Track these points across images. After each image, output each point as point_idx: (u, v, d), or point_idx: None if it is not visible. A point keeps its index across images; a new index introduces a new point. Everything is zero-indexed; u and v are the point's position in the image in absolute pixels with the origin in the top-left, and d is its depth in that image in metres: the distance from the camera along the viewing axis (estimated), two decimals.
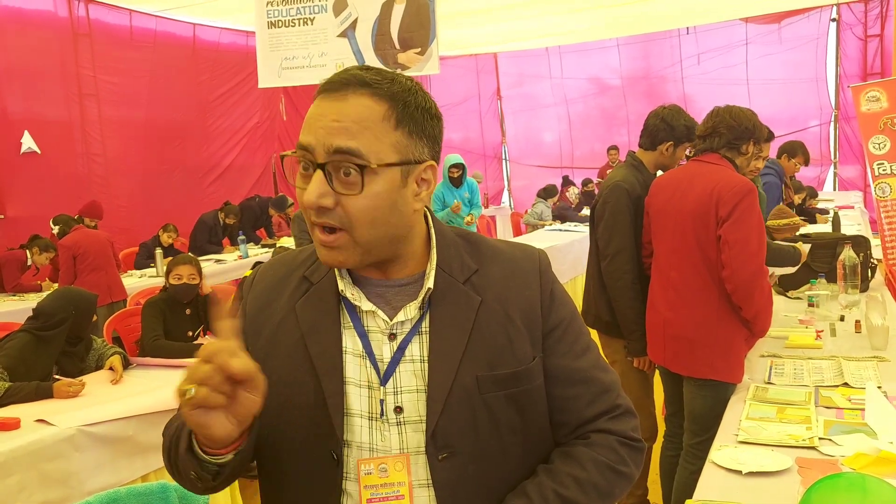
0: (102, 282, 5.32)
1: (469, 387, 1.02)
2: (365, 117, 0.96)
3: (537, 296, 1.08)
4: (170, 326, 3.63)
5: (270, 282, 1.14)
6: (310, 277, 1.10)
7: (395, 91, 0.98)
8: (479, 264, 1.09)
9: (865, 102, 4.43)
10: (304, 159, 0.98)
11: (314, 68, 6.47)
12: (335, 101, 0.97)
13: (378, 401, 1.03)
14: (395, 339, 1.04)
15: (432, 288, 1.04)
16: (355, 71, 0.98)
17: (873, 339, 2.83)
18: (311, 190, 0.96)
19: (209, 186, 9.59)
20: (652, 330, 2.79)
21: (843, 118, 10.65)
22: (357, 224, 0.97)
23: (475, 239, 1.13)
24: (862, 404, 2.16)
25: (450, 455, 1.01)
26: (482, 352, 1.03)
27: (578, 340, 1.11)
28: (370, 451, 1.02)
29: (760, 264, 2.51)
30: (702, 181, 2.61)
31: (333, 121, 0.96)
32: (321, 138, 0.96)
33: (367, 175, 0.95)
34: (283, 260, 1.17)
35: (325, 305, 1.06)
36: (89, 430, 2.66)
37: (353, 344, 1.05)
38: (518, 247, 1.15)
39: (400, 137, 0.98)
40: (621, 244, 2.93)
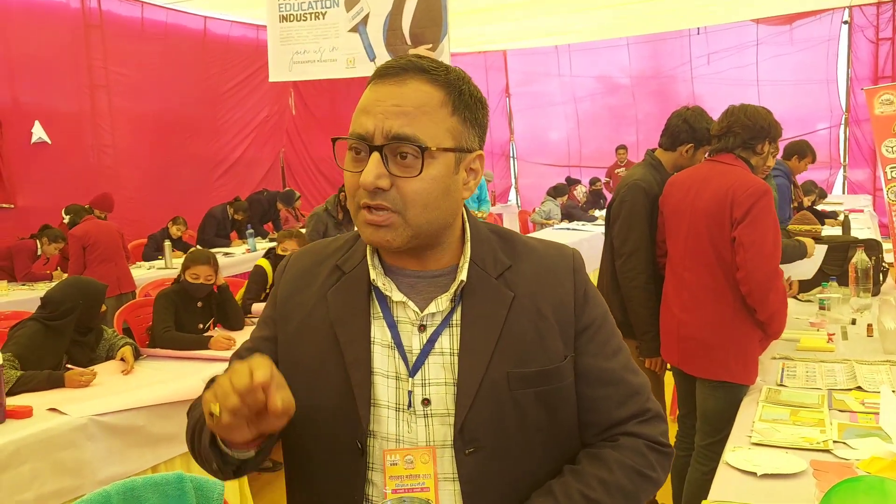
0: (112, 273, 5.34)
1: (499, 382, 1.02)
2: (424, 102, 0.97)
3: (571, 294, 1.08)
4: (181, 318, 3.64)
5: (302, 269, 1.15)
6: (342, 266, 1.11)
7: (451, 79, 1.00)
8: (513, 260, 1.08)
9: (879, 105, 4.41)
10: (360, 143, 0.99)
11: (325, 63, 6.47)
12: (394, 86, 0.98)
13: (406, 392, 1.03)
14: (426, 331, 1.04)
15: (465, 281, 1.04)
16: (412, 58, 1.00)
17: (886, 343, 2.82)
18: (369, 170, 0.96)
19: (218, 179, 9.60)
20: (666, 330, 2.78)
21: (854, 121, 10.61)
22: (411, 206, 0.98)
23: (509, 235, 1.13)
24: (876, 408, 2.16)
25: (476, 450, 1.01)
26: (513, 348, 1.03)
27: (610, 341, 1.10)
28: (396, 443, 1.03)
29: (776, 266, 2.50)
30: (716, 182, 2.60)
31: (393, 105, 0.97)
32: (380, 122, 0.96)
33: (426, 158, 0.97)
34: (315, 248, 1.17)
35: (356, 295, 1.07)
36: (101, 419, 2.67)
37: (382, 334, 1.05)
38: (551, 245, 1.15)
39: (455, 124, 1.00)
40: (637, 244, 2.92)
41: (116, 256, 5.51)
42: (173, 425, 2.91)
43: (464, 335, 1.03)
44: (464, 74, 1.03)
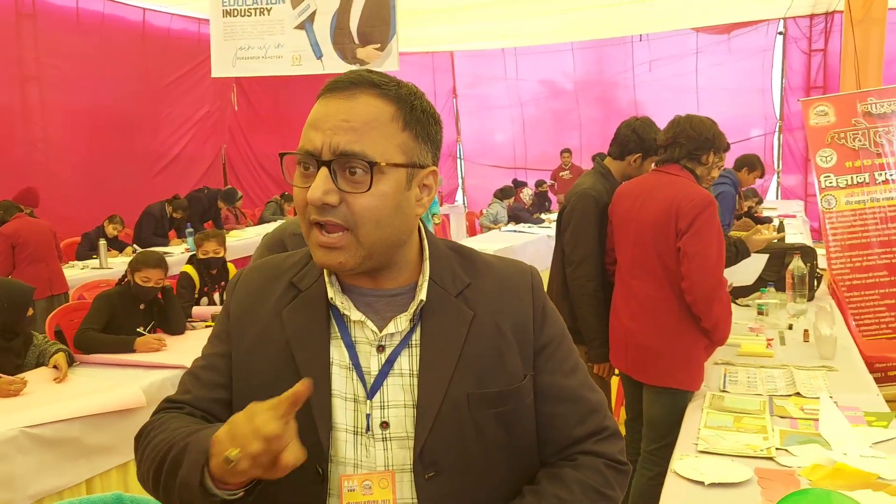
0: (42, 274, 5.13)
1: (459, 404, 1.00)
2: (374, 117, 0.95)
3: (529, 312, 1.07)
4: (121, 321, 3.51)
5: (255, 285, 1.11)
6: (297, 284, 1.07)
7: (402, 94, 0.98)
8: (472, 278, 1.07)
9: (814, 116, 4.57)
10: (308, 159, 0.96)
11: (270, 59, 6.35)
12: (343, 101, 0.96)
13: (364, 415, 1.00)
14: (384, 351, 1.02)
15: (424, 300, 1.02)
16: (362, 72, 0.98)
17: (822, 349, 2.92)
18: (317, 185, 0.93)
19: (156, 176, 9.33)
20: (614, 337, 2.82)
21: (787, 129, 11.00)
22: (362, 223, 0.96)
23: (467, 252, 1.11)
24: (815, 414, 2.23)
25: (437, 473, 0.99)
26: (473, 368, 1.02)
27: (568, 358, 1.10)
28: (354, 468, 0.99)
29: (719, 276, 2.55)
30: (662, 193, 2.64)
31: (342, 120, 0.94)
32: (328, 138, 0.94)
33: (375, 173, 0.95)
34: (269, 263, 1.13)
35: (314, 314, 1.04)
36: (33, 431, 2.54)
37: (340, 355, 1.02)
38: (510, 262, 1.14)
39: (407, 139, 0.98)
40: (587, 251, 2.95)
41: (48, 256, 5.29)
42: (109, 436, 2.80)
43: (423, 356, 1.01)
44: (416, 90, 1.01)
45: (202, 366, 1.11)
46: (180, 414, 1.06)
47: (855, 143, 4.44)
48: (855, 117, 4.47)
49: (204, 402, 1.07)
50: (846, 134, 4.46)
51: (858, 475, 1.77)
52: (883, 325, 4.47)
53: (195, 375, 1.10)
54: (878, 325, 4.47)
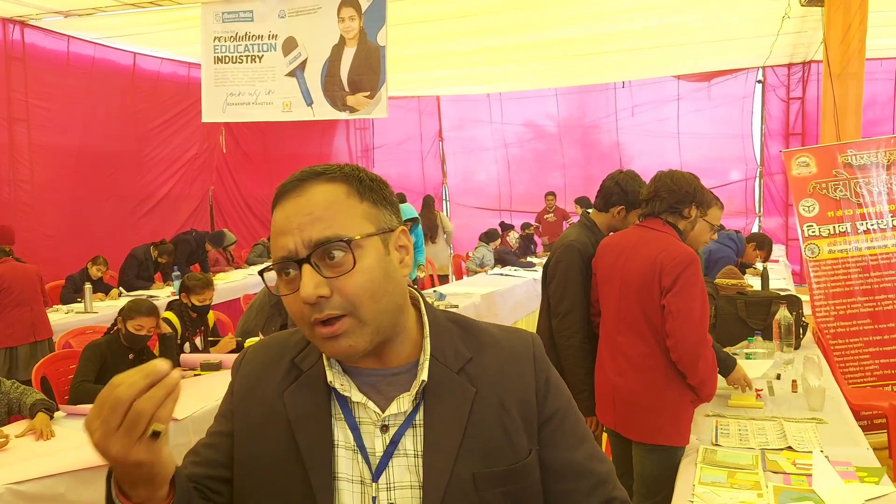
0: (26, 318, 5.08)
1: (465, 484, 0.99)
2: (331, 200, 0.98)
3: (532, 385, 1.07)
4: (110, 370, 3.48)
5: (258, 364, 1.11)
6: (299, 364, 1.07)
7: (346, 172, 1.02)
8: (474, 352, 1.07)
9: (796, 167, 4.67)
10: (287, 264, 0.97)
11: (261, 105, 6.41)
12: (297, 198, 0.99)
13: (371, 497, 1.00)
14: (388, 432, 1.02)
15: (426, 380, 1.02)
16: (304, 170, 1.02)
17: (811, 401, 2.94)
18: (305, 284, 0.94)
19: (142, 217, 9.29)
20: (601, 393, 2.81)
21: (767, 173, 11.21)
22: (359, 302, 0.96)
23: (468, 325, 1.11)
24: (807, 469, 2.24)
25: None
26: (478, 446, 1.01)
27: (575, 430, 1.09)
28: None
29: (704, 333, 2.57)
30: (645, 250, 2.65)
31: (305, 215, 0.97)
32: (297, 236, 0.96)
33: (354, 249, 0.96)
34: (274, 341, 1.14)
35: (315, 396, 1.04)
36: (18, 488, 2.50)
37: (345, 437, 1.02)
38: (511, 332, 1.14)
39: (368, 208, 1.00)
40: (572, 303, 2.98)
41: (32, 301, 5.22)
42: (97, 491, 2.74)
43: (427, 436, 1.01)
44: (355, 165, 1.05)
45: (204, 443, 1.11)
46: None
47: (836, 194, 4.54)
48: (836, 168, 4.58)
49: (201, 479, 1.07)
50: (827, 184, 4.56)
51: None
52: (867, 372, 4.52)
53: (196, 452, 1.11)
54: (863, 373, 4.52)
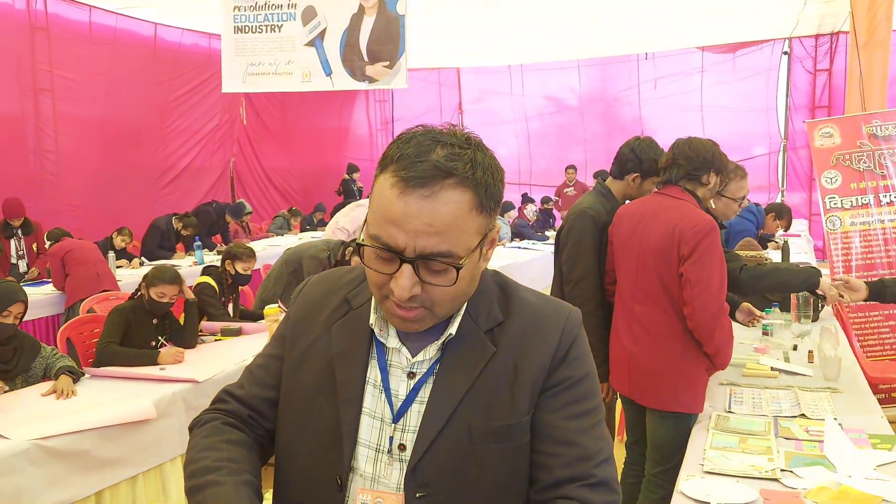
0: (91, 273, 5.47)
1: (460, 433, 1.02)
2: (456, 215, 0.96)
3: (551, 353, 1.06)
4: (133, 335, 3.55)
5: (315, 295, 1.17)
6: (351, 301, 1.13)
7: (478, 177, 0.98)
8: (506, 316, 1.08)
9: (819, 138, 4.60)
10: (387, 252, 0.97)
11: (280, 76, 6.42)
12: (424, 201, 0.94)
13: (388, 437, 1.04)
14: (414, 378, 1.06)
15: (454, 334, 1.05)
16: (435, 158, 0.96)
17: (826, 370, 2.94)
18: (404, 285, 0.96)
19: (164, 188, 9.40)
20: (616, 361, 2.82)
21: (791, 147, 11.04)
22: (441, 304, 1.01)
23: (509, 289, 1.12)
24: (819, 436, 2.25)
25: (428, 495, 1.01)
26: (481, 401, 1.03)
27: (578, 403, 1.07)
28: (371, 482, 1.04)
29: (721, 302, 2.55)
30: (664, 217, 2.63)
31: (426, 224, 0.94)
32: (411, 241, 0.95)
33: (459, 268, 0.98)
34: (331, 276, 1.20)
35: (358, 334, 1.09)
36: (44, 443, 2.57)
37: (375, 377, 1.07)
38: (551, 303, 1.13)
39: (483, 220, 1.00)
40: (585, 270, 2.97)
41: (95, 259, 5.68)
42: (120, 448, 2.83)
43: (436, 383, 1.04)
44: (484, 159, 0.99)
45: (259, 364, 1.19)
46: (225, 427, 1.13)
47: (860, 165, 4.47)
48: (860, 139, 4.50)
49: (254, 399, 1.16)
50: (851, 156, 4.49)
51: (863, 498, 1.80)
52: (887, 346, 4.48)
53: (251, 372, 1.19)
54: (882, 346, 4.49)
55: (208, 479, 1.02)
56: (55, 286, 5.57)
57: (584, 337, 1.11)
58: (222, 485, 1.02)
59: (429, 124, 1.04)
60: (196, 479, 1.04)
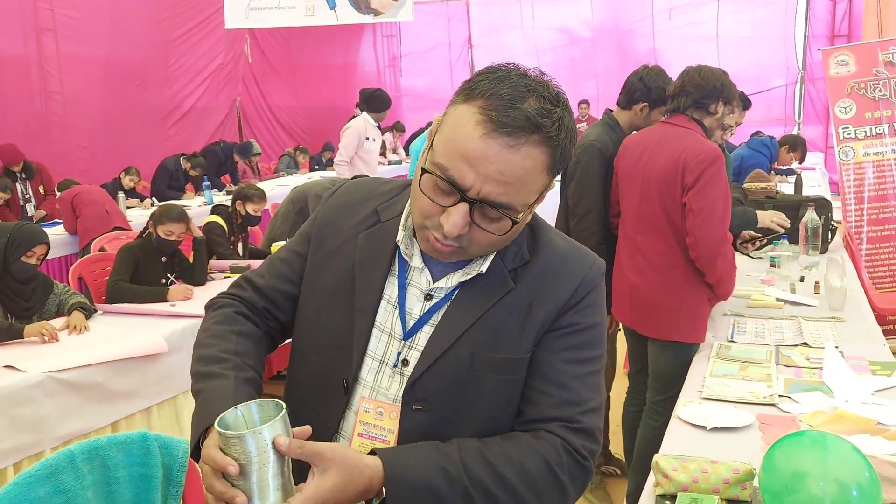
0: (100, 210, 5.52)
1: (463, 358, 1.04)
2: (529, 172, 0.95)
3: (567, 297, 1.06)
4: (143, 272, 3.60)
5: (346, 200, 1.17)
6: (381, 213, 1.13)
7: (560, 139, 0.96)
8: (532, 255, 1.08)
9: (834, 66, 4.49)
10: (449, 186, 0.95)
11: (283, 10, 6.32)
12: (506, 150, 0.92)
13: (395, 352, 1.07)
14: (430, 301, 1.07)
15: (484, 273, 1.05)
16: (528, 108, 0.93)
17: (831, 300, 2.93)
18: (455, 223, 0.95)
19: (171, 128, 9.36)
20: (618, 292, 2.83)
21: (809, 79, 10.78)
22: (478, 247, 1.01)
23: (540, 230, 1.11)
24: (820, 363, 2.26)
25: (423, 409, 1.04)
26: (488, 331, 1.04)
27: (579, 349, 1.07)
28: (373, 391, 1.07)
29: (724, 232, 2.54)
30: (669, 146, 2.60)
31: (499, 172, 0.93)
32: (479, 183, 0.93)
33: (514, 223, 0.98)
34: (366, 184, 1.20)
35: (383, 247, 1.10)
36: (59, 376, 2.64)
37: (391, 292, 1.09)
38: (577, 250, 1.12)
39: (547, 181, 1.00)
40: (591, 204, 2.95)
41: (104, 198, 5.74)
42: (133, 381, 2.90)
43: (449, 308, 1.06)
44: (569, 121, 0.98)
45: (282, 257, 1.20)
46: (238, 317, 1.15)
47: (875, 94, 4.37)
48: (876, 67, 4.39)
49: (272, 290, 1.17)
50: (866, 84, 4.39)
51: (858, 421, 1.81)
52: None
53: (273, 263, 1.20)
54: (892, 278, 4.47)
55: (213, 369, 1.05)
56: (67, 230, 5.63)
57: (602, 288, 1.11)
58: (225, 378, 1.04)
59: (519, 65, 1.02)
60: (201, 366, 1.07)
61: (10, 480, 1.44)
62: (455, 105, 0.98)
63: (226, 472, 0.87)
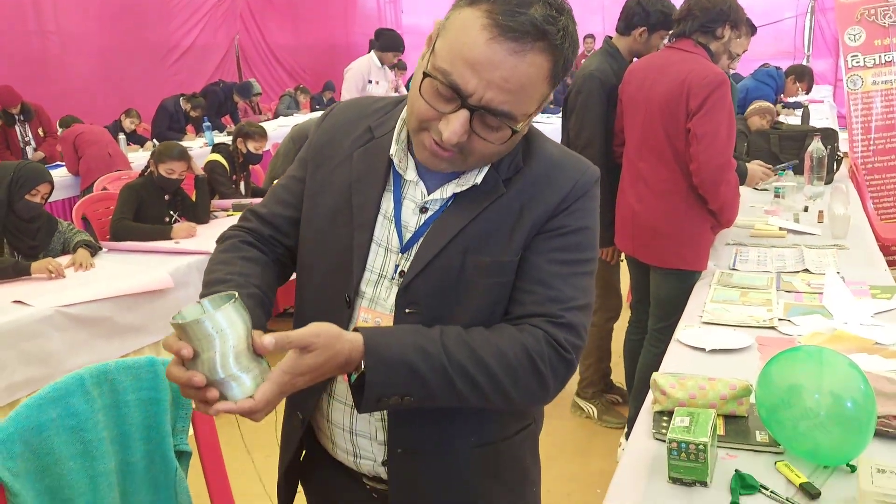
0: (102, 152, 5.53)
1: (453, 261, 1.05)
2: (532, 80, 0.94)
3: (557, 201, 1.06)
4: (146, 211, 3.61)
5: (342, 120, 1.18)
6: (374, 130, 1.13)
7: (564, 48, 0.96)
8: (525, 163, 1.08)
9: None
10: (450, 91, 0.94)
11: None
12: (511, 56, 0.92)
13: (393, 265, 1.09)
14: (426, 213, 1.08)
15: (479, 184, 1.06)
16: (534, 14, 0.92)
17: (834, 228, 2.93)
18: (455, 130, 0.95)
19: (170, 68, 9.24)
20: (621, 220, 2.82)
21: (819, 9, 10.52)
22: (476, 157, 1.01)
23: (533, 138, 1.10)
24: (820, 288, 2.27)
25: (416, 312, 1.06)
26: (481, 235, 1.05)
27: (566, 251, 1.07)
28: (370, 302, 1.10)
29: (728, 157, 2.52)
30: (673, 71, 2.56)
31: (503, 79, 0.92)
32: (481, 90, 0.93)
33: (513, 132, 0.98)
34: (358, 104, 1.20)
35: (378, 163, 1.10)
36: (67, 310, 2.68)
37: (388, 206, 1.10)
38: (571, 158, 1.12)
39: (548, 91, 0.99)
40: (592, 135, 2.92)
41: (106, 140, 5.74)
42: (140, 316, 2.94)
43: (443, 215, 1.07)
44: (573, 30, 0.97)
45: (282, 184, 1.22)
46: (243, 245, 1.17)
47: (885, 20, 4.27)
48: None
49: (275, 217, 1.20)
50: (876, 10, 4.27)
51: (856, 340, 1.83)
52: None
53: (274, 191, 1.23)
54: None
55: (216, 288, 1.06)
56: (69, 170, 5.62)
57: (595, 195, 1.11)
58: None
59: None
60: (205, 290, 1.09)
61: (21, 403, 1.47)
62: (459, 8, 0.96)
63: (182, 357, 0.88)
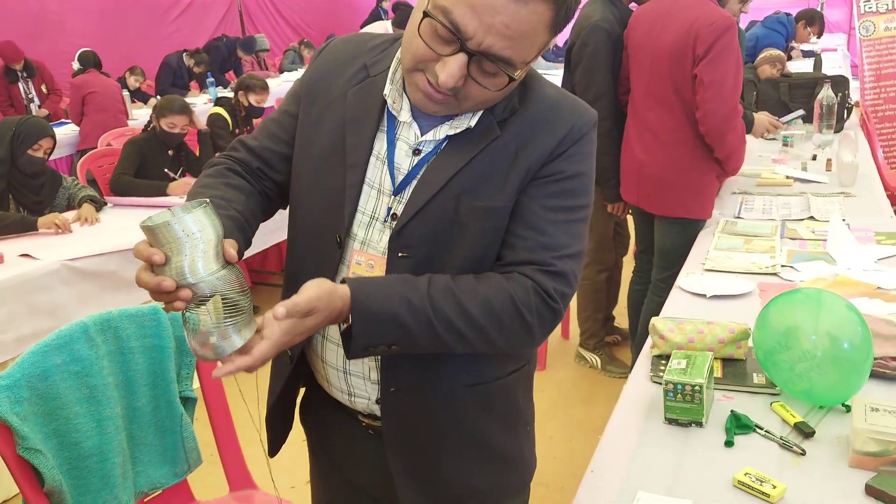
0: (108, 122, 5.48)
1: (447, 205, 1.04)
2: (534, 27, 0.92)
3: (553, 145, 1.04)
4: (149, 166, 3.60)
5: (337, 57, 1.16)
6: (370, 68, 1.11)
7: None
8: (522, 105, 1.06)
9: None
10: (449, 33, 0.93)
11: None
12: (513, 2, 0.90)
13: (385, 207, 1.08)
14: (419, 155, 1.07)
15: (472, 127, 1.04)
16: None
17: (842, 176, 2.90)
18: (452, 73, 0.93)
19: (172, 24, 9.13)
20: (626, 171, 2.80)
21: None
22: (471, 102, 0.99)
23: (530, 80, 1.08)
24: (825, 235, 2.26)
25: (409, 256, 1.06)
26: (475, 179, 1.04)
27: (560, 197, 1.05)
28: (364, 245, 1.09)
29: (735, 105, 2.48)
30: (681, 17, 2.50)
31: (504, 25, 0.91)
32: (481, 34, 0.91)
33: (511, 79, 0.96)
34: (354, 40, 1.18)
35: (371, 102, 1.09)
36: (73, 264, 2.69)
37: (380, 147, 1.08)
38: (569, 99, 1.09)
39: (547, 40, 0.97)
40: (601, 90, 2.85)
41: (115, 108, 5.69)
42: None
43: (437, 158, 1.05)
44: None
45: (274, 118, 1.20)
46: (229, 173, 1.16)
47: None
48: None
49: (265, 151, 1.18)
50: None
51: (857, 285, 1.83)
52: None
53: (266, 125, 1.20)
54: None
55: None
56: (71, 118, 5.56)
57: (592, 138, 1.09)
58: None
59: None
60: None
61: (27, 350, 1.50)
62: None
63: (154, 263, 0.88)
